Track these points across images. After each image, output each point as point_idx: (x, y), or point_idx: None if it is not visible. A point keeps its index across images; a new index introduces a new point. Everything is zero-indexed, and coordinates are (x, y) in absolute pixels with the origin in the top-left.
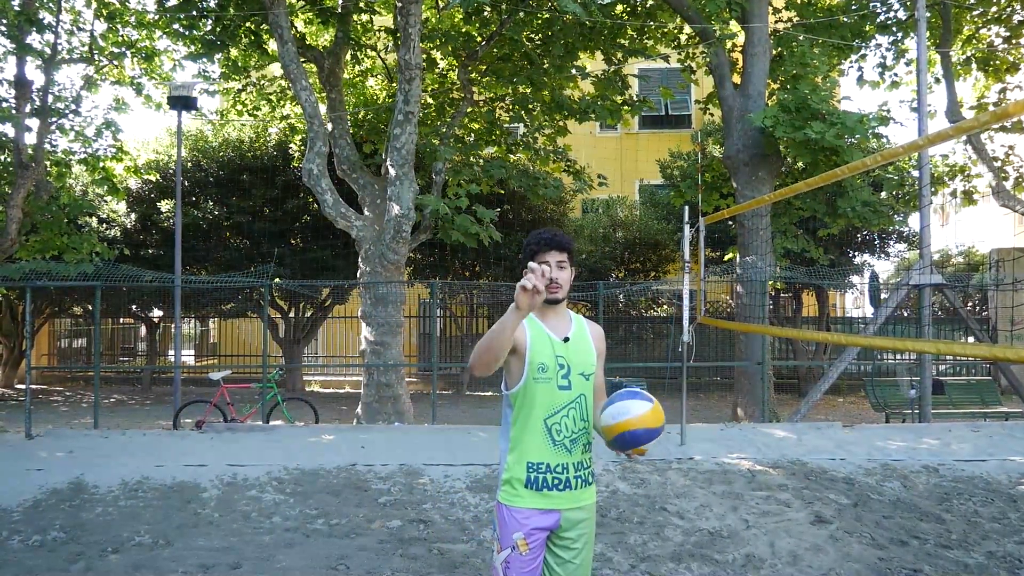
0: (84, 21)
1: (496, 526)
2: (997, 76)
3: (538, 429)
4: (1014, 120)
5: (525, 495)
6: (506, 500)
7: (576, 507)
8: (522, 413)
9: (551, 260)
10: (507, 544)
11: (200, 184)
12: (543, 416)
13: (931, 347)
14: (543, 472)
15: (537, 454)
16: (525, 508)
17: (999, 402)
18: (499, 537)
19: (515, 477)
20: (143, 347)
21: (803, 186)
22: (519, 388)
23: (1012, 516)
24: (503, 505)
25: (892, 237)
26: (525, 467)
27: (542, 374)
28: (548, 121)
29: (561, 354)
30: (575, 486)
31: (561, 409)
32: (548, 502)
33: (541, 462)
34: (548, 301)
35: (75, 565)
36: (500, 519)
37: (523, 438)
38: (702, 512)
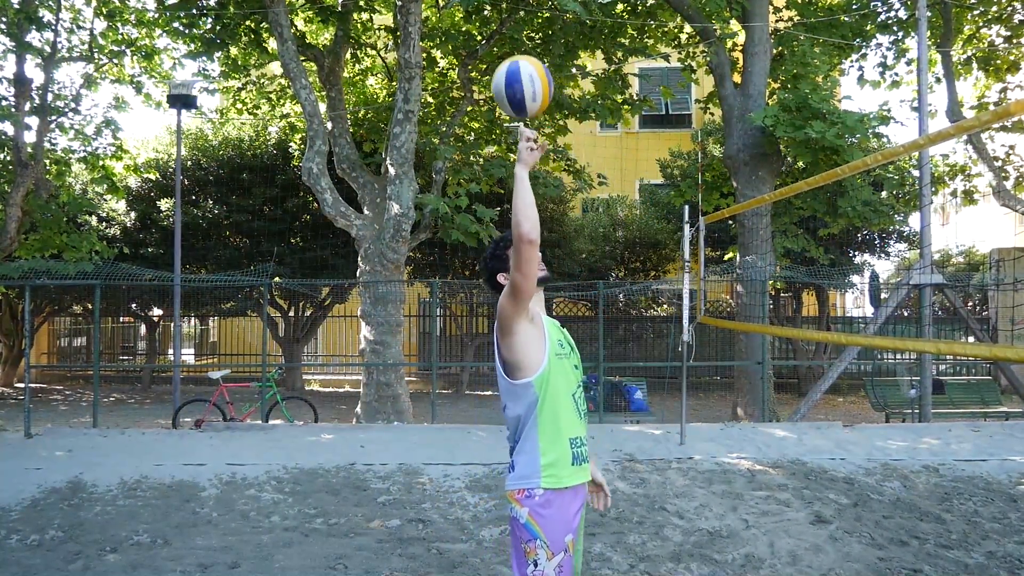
0: (84, 19)
1: (537, 532)
2: (998, 76)
3: (569, 404)
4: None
5: (571, 473)
6: (553, 484)
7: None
8: (550, 393)
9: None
10: (559, 548)
11: (200, 183)
12: (570, 391)
13: (931, 347)
14: (579, 446)
15: (574, 429)
16: (573, 486)
17: (999, 402)
18: (547, 543)
19: (559, 458)
20: (143, 346)
21: (803, 185)
22: (544, 368)
23: (1012, 516)
24: (549, 494)
25: (892, 237)
26: (568, 444)
27: (562, 349)
28: (548, 120)
29: (560, 338)
30: (586, 458)
31: (578, 387)
32: (583, 476)
33: (576, 436)
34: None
35: (73, 564)
36: (545, 521)
37: (559, 417)
38: (702, 512)
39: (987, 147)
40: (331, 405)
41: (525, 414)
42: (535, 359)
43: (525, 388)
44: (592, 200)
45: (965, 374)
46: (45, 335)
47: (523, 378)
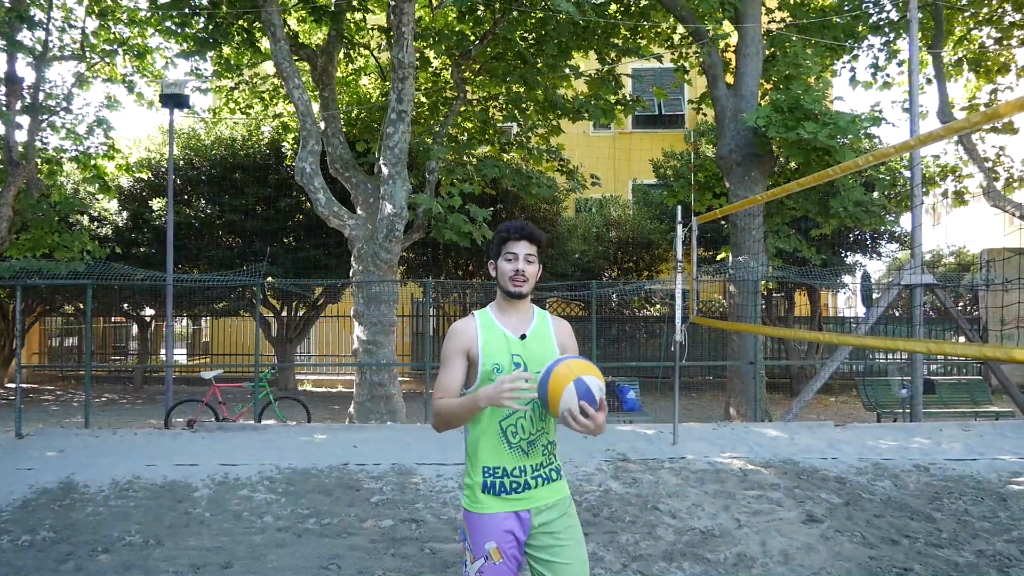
0: (76, 18)
1: (466, 535)
2: (988, 77)
3: (493, 432)
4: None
5: (484, 500)
6: (469, 507)
7: (541, 506)
8: (477, 416)
9: (520, 251)
10: (480, 554)
11: (192, 182)
12: (497, 418)
13: (922, 347)
14: (499, 476)
15: (492, 458)
16: (488, 514)
17: (990, 401)
18: (471, 546)
19: (475, 482)
20: (135, 346)
21: (795, 186)
22: (472, 390)
23: (1002, 515)
24: (468, 512)
25: (884, 237)
26: (481, 472)
27: (497, 375)
28: (541, 120)
29: (517, 352)
30: (535, 486)
31: (515, 412)
32: (512, 505)
33: (497, 466)
34: (511, 295)
35: (65, 565)
36: (469, 527)
37: (480, 441)
38: (694, 511)
39: (978, 148)
40: (324, 405)
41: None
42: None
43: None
44: (585, 200)
45: (956, 374)
46: (36, 335)
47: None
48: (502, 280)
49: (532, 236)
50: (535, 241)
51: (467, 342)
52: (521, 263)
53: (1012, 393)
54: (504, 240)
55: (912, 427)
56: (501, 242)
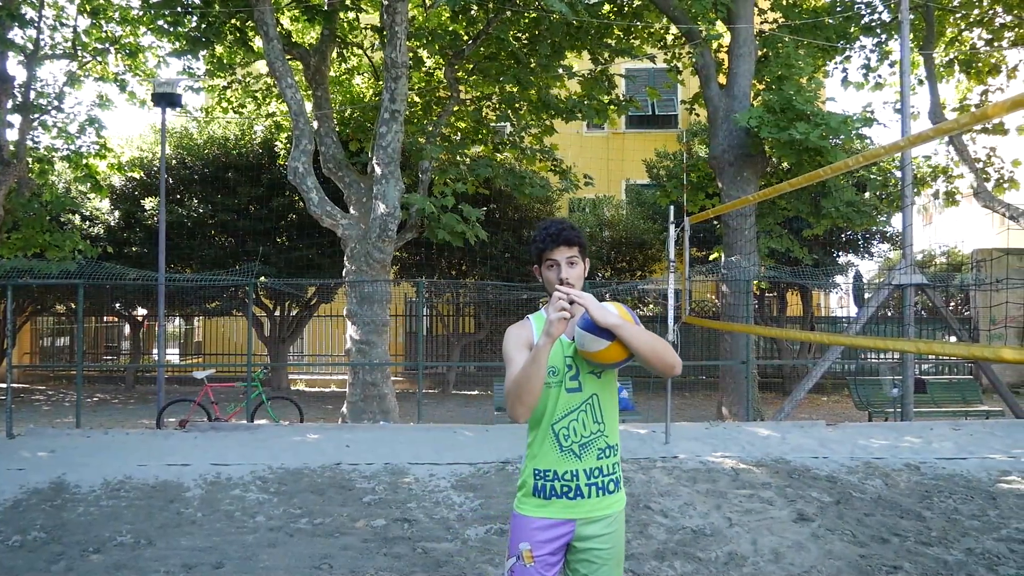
0: (67, 16)
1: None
2: (979, 78)
3: (546, 434)
4: (995, 122)
5: (530, 503)
6: (516, 507)
7: (590, 518)
8: (533, 418)
9: (560, 258)
10: (513, 552)
11: (185, 182)
12: (550, 421)
13: (911, 346)
14: (550, 480)
15: (544, 461)
16: (531, 517)
17: (980, 400)
18: (509, 544)
19: (525, 483)
20: (127, 346)
21: (787, 186)
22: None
23: (991, 513)
24: (514, 512)
25: (876, 237)
26: (532, 474)
27: (552, 377)
28: (535, 120)
29: (570, 355)
30: (588, 494)
31: (570, 413)
32: (556, 511)
33: (548, 469)
34: None
35: (56, 565)
36: (512, 525)
37: (534, 444)
38: (686, 510)
39: (968, 149)
40: (317, 405)
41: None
42: None
43: None
44: (579, 200)
45: (947, 373)
46: (27, 335)
47: None
48: (549, 288)
49: (569, 240)
50: (573, 243)
51: (527, 341)
52: (564, 270)
53: (1002, 392)
54: (542, 249)
55: (903, 426)
56: (539, 251)
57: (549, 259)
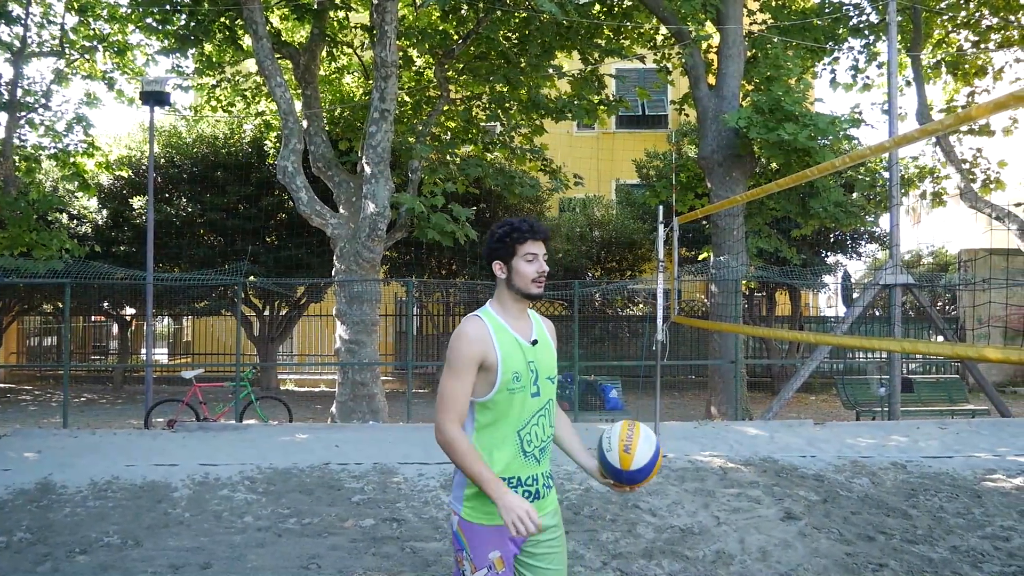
0: (55, 14)
1: (464, 544)
2: (966, 80)
3: (510, 441)
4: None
5: (493, 511)
6: (474, 518)
7: (546, 513)
8: (490, 424)
9: (539, 251)
10: (483, 564)
11: (173, 180)
12: (515, 427)
13: (897, 346)
14: (514, 487)
15: (508, 468)
16: (497, 525)
17: (966, 400)
18: (471, 556)
19: (482, 495)
20: (115, 345)
21: (775, 186)
22: (489, 399)
23: (976, 511)
24: (472, 523)
25: (863, 237)
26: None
27: (516, 384)
28: (525, 120)
29: (532, 359)
30: (543, 495)
31: (532, 418)
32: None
33: (512, 476)
34: (532, 297)
35: (42, 566)
36: (470, 537)
37: (494, 452)
38: (674, 509)
39: (955, 150)
40: (306, 405)
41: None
42: (484, 384)
43: (472, 404)
44: (569, 200)
45: (934, 373)
46: (14, 334)
47: (474, 396)
48: (521, 282)
49: (545, 234)
50: (547, 237)
51: (485, 349)
52: (543, 263)
53: (988, 391)
54: (523, 240)
55: (890, 425)
56: (518, 241)
57: (529, 252)
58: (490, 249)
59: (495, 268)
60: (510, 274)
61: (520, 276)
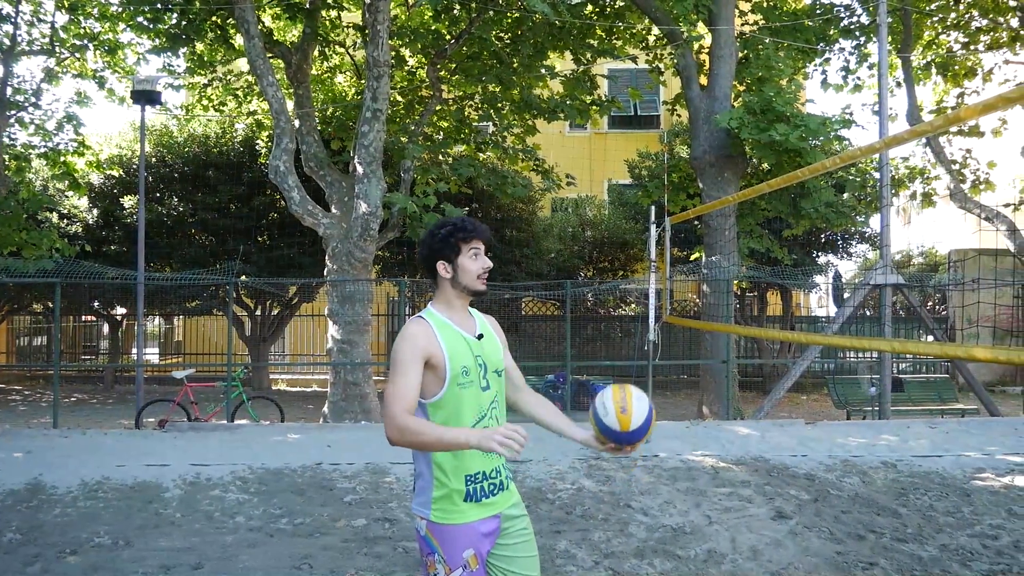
0: (45, 12)
1: (435, 547)
2: (956, 81)
3: None
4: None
5: (466, 509)
6: (445, 519)
7: (512, 504)
8: (445, 423)
9: (482, 248)
10: (457, 564)
11: (164, 180)
12: (472, 422)
13: (887, 345)
14: (479, 482)
15: (472, 464)
16: (468, 523)
17: (956, 399)
18: (445, 559)
19: (452, 491)
20: (105, 345)
21: (766, 187)
22: (440, 397)
23: (966, 510)
24: (442, 525)
25: (854, 238)
26: (464, 480)
27: (465, 378)
28: (517, 120)
29: (479, 353)
30: (507, 486)
31: (486, 412)
32: (490, 509)
33: (478, 471)
34: (477, 293)
35: (32, 567)
36: (442, 539)
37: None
38: (666, 509)
39: (945, 151)
40: (298, 405)
41: None
42: (432, 383)
43: (422, 407)
44: (561, 200)
45: (924, 372)
46: (4, 334)
47: (423, 397)
48: (467, 279)
49: (488, 234)
50: (489, 239)
51: (427, 346)
52: (486, 260)
53: (977, 391)
54: (468, 238)
55: (880, 424)
56: (463, 240)
57: (474, 249)
58: (432, 249)
59: (439, 268)
60: (455, 272)
61: (466, 273)
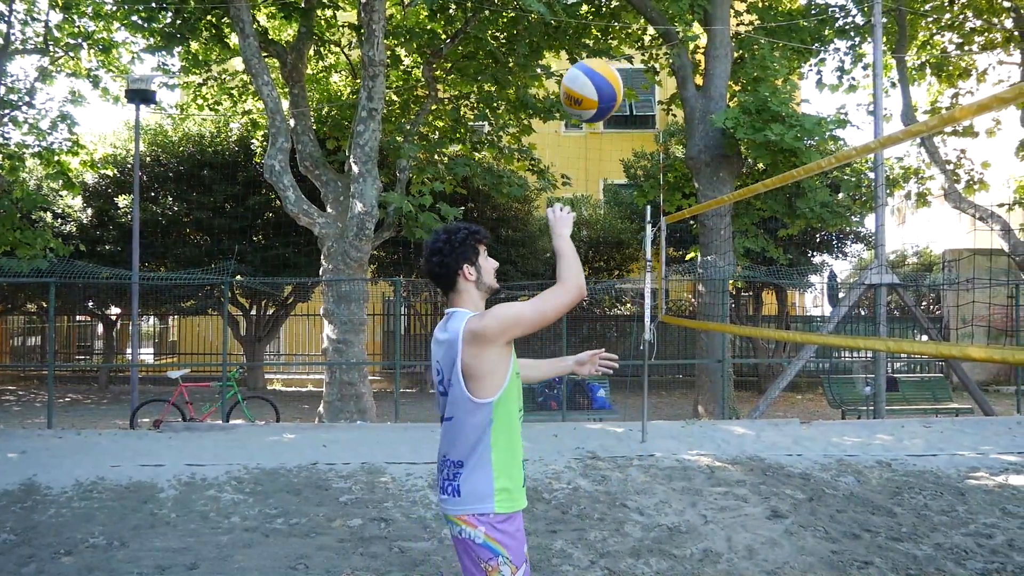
0: (39, 11)
1: (497, 550)
2: (950, 81)
3: (519, 426)
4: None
5: (521, 495)
6: (510, 507)
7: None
8: (505, 416)
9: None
10: (522, 560)
11: (159, 179)
12: (519, 410)
13: (882, 345)
14: (524, 468)
15: (521, 450)
16: (522, 510)
17: (950, 398)
18: (510, 558)
19: (513, 482)
20: (100, 345)
21: (762, 187)
22: (504, 390)
23: (960, 509)
24: (504, 516)
25: (849, 237)
26: (521, 466)
27: (517, 378)
28: (513, 120)
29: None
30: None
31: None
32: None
33: (525, 457)
34: (496, 291)
35: (26, 568)
36: (504, 538)
37: (512, 440)
38: (661, 508)
39: (939, 151)
40: (293, 404)
41: (476, 433)
42: (499, 380)
43: (481, 408)
44: (556, 200)
45: (918, 372)
46: None
47: (483, 397)
48: (488, 278)
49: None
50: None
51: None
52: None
53: (972, 390)
54: (482, 239)
55: (875, 424)
56: (480, 241)
57: (485, 248)
58: (455, 256)
59: (464, 272)
60: (479, 274)
61: (488, 273)
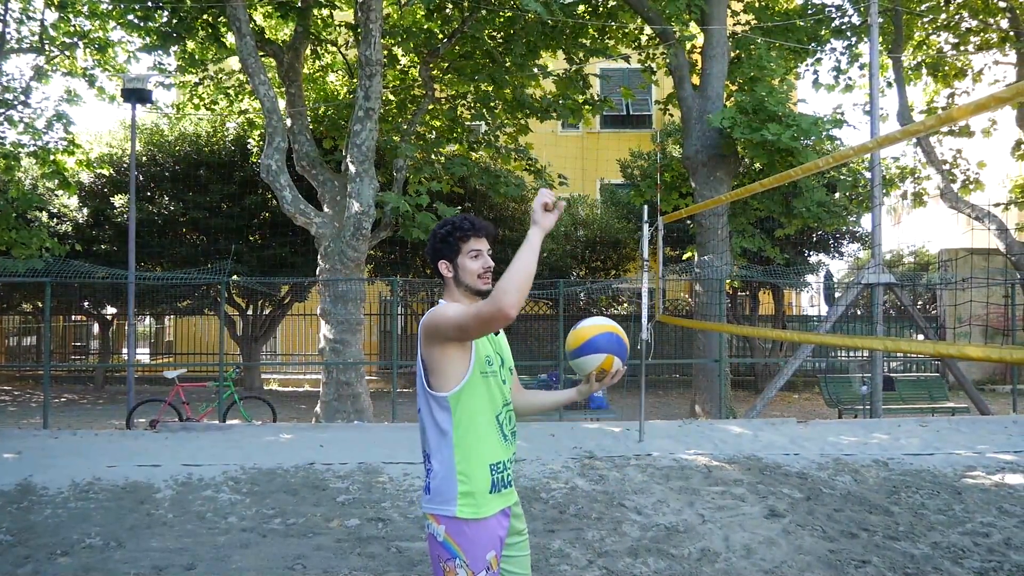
0: (34, 10)
1: (456, 551)
2: (946, 81)
3: (491, 427)
4: (961, 124)
5: (490, 501)
6: (471, 514)
7: (515, 501)
8: (466, 414)
9: (483, 248)
10: (481, 567)
11: (155, 179)
12: (494, 412)
13: (879, 344)
14: (501, 471)
15: (495, 453)
16: (492, 516)
17: (947, 398)
18: (467, 563)
19: (477, 487)
20: (96, 345)
21: (758, 186)
22: (462, 386)
23: (956, 508)
24: (467, 521)
25: (846, 237)
26: (488, 470)
27: (489, 367)
28: (510, 119)
29: (497, 349)
30: (512, 482)
31: (501, 408)
32: (506, 501)
33: (498, 461)
34: (480, 292)
35: (22, 569)
36: (463, 541)
37: (477, 440)
38: (659, 507)
39: (936, 150)
40: (290, 404)
41: (439, 428)
42: (456, 375)
43: (437, 400)
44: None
45: (915, 371)
46: None
47: (440, 390)
48: (468, 278)
49: (492, 233)
50: (493, 237)
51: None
52: (488, 259)
53: (968, 390)
54: (466, 237)
55: (872, 423)
56: (461, 239)
57: (473, 249)
58: (434, 249)
59: (441, 267)
60: (456, 272)
61: (467, 273)
